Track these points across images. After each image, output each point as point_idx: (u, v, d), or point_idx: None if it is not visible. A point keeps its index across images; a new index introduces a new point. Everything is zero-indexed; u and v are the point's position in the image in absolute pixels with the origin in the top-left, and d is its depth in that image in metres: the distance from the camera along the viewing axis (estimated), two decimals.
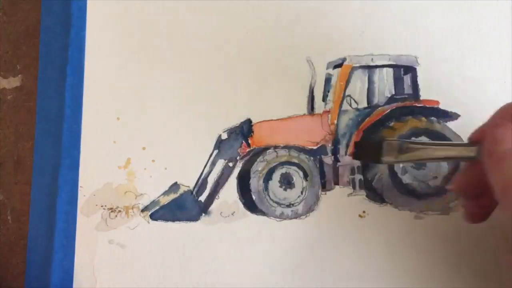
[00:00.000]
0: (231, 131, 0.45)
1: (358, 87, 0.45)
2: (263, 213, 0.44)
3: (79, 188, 0.44)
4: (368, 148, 0.39)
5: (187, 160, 0.44)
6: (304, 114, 0.45)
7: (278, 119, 0.45)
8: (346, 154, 0.44)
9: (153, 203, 0.44)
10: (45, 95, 0.45)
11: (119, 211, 0.44)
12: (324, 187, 0.44)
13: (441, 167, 0.44)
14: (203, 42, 0.46)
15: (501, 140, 0.30)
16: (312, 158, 0.44)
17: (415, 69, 0.45)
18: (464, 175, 0.36)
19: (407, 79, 0.45)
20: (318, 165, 0.44)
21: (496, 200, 0.30)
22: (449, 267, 0.42)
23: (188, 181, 0.44)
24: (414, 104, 0.45)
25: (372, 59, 0.45)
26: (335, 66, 0.45)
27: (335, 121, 0.45)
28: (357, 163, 0.44)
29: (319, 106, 0.45)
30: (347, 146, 0.44)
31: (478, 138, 0.33)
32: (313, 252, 0.43)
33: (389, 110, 0.45)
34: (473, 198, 0.35)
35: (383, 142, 0.35)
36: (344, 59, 0.45)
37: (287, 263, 0.43)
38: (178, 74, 0.45)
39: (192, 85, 0.45)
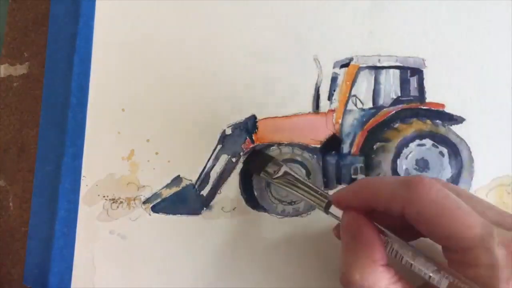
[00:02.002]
0: (236, 127, 0.45)
1: (364, 88, 0.45)
2: (264, 210, 0.44)
3: (82, 178, 0.44)
4: (256, 160, 0.43)
5: (190, 154, 0.44)
6: (309, 113, 0.45)
7: (283, 116, 0.45)
8: (349, 154, 0.44)
9: (155, 195, 0.44)
10: (52, 84, 0.45)
11: (121, 202, 0.44)
12: (327, 186, 0.44)
13: (444, 171, 0.44)
14: (210, 36, 0.46)
15: (345, 231, 0.35)
16: (315, 156, 0.44)
17: (422, 71, 0.45)
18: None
19: (413, 81, 0.45)
20: (321, 164, 0.44)
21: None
22: None
23: (191, 175, 0.44)
24: (419, 107, 0.45)
25: (379, 60, 0.45)
26: (342, 66, 0.45)
27: (340, 121, 0.45)
28: (360, 163, 0.44)
29: (324, 105, 0.45)
30: (351, 146, 0.44)
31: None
32: (313, 250, 0.43)
33: (394, 112, 0.45)
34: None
35: (271, 158, 0.42)
36: (351, 59, 0.45)
37: (286, 261, 0.43)
38: (184, 67, 0.45)
39: (198, 79, 0.45)
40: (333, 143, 0.45)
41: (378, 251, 0.32)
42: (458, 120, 0.44)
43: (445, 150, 0.44)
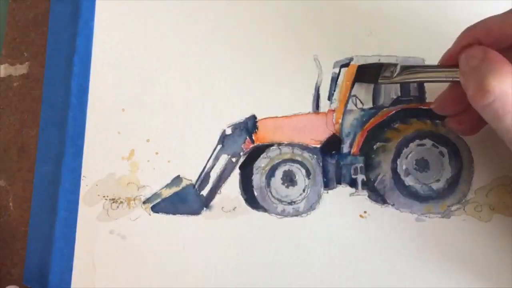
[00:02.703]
0: (236, 127, 0.45)
1: (364, 87, 0.45)
2: (264, 210, 0.44)
3: (82, 178, 0.44)
4: (368, 71, 0.43)
5: (190, 154, 0.44)
6: (309, 113, 0.45)
7: (283, 116, 0.45)
8: (349, 154, 0.44)
9: (155, 195, 0.44)
10: (52, 84, 0.45)
11: (121, 202, 0.44)
12: (327, 186, 0.44)
13: (444, 171, 0.44)
14: (210, 37, 0.46)
15: (470, 57, 0.35)
16: (315, 156, 0.44)
17: None
18: (445, 94, 0.40)
19: None
20: (321, 164, 0.44)
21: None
22: (448, 271, 0.42)
23: (191, 175, 0.44)
24: (419, 107, 0.44)
25: (379, 59, 0.45)
26: (342, 66, 0.45)
27: (340, 121, 0.45)
28: (360, 163, 0.44)
29: (324, 105, 0.45)
30: (351, 146, 0.44)
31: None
32: (312, 250, 0.43)
33: (394, 112, 0.45)
34: (457, 114, 0.40)
35: (382, 64, 0.42)
36: (351, 59, 0.45)
37: (286, 261, 0.43)
38: (184, 67, 0.46)
39: (198, 79, 0.45)
40: (333, 143, 0.45)
41: (509, 65, 0.33)
42: None
43: (445, 150, 0.44)
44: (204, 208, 0.44)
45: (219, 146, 0.44)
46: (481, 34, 0.36)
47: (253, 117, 0.45)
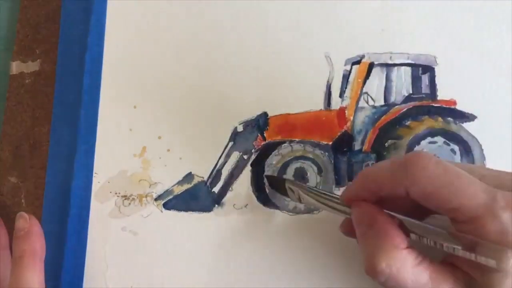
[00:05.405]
0: (247, 124, 0.45)
1: (375, 85, 0.45)
2: (276, 207, 0.44)
3: (94, 175, 0.44)
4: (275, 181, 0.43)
5: (202, 151, 0.44)
6: (321, 110, 0.45)
7: (294, 114, 0.45)
8: (361, 151, 0.44)
9: (167, 192, 0.44)
10: (63, 81, 0.45)
11: (133, 199, 0.44)
12: (338, 183, 0.44)
13: None
14: (222, 34, 0.46)
15: (358, 223, 0.34)
16: (327, 153, 0.44)
17: (433, 68, 0.45)
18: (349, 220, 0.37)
19: (425, 78, 0.45)
20: (332, 161, 0.44)
21: None
22: None
23: (202, 172, 0.44)
24: (431, 104, 0.45)
25: (390, 57, 0.45)
26: (354, 63, 0.45)
27: (351, 118, 0.45)
28: (371, 160, 0.44)
29: (335, 102, 0.45)
30: (363, 143, 0.44)
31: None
32: (325, 247, 0.43)
33: (405, 109, 0.45)
34: None
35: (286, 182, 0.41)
36: (362, 56, 0.45)
37: (299, 258, 0.43)
38: (196, 64, 0.46)
39: (210, 76, 0.45)
40: (344, 140, 0.45)
41: (397, 235, 0.32)
42: (469, 117, 0.44)
43: (456, 148, 0.44)
44: (216, 205, 0.44)
45: (231, 143, 0.44)
46: (375, 186, 0.34)
47: (265, 114, 0.45)
